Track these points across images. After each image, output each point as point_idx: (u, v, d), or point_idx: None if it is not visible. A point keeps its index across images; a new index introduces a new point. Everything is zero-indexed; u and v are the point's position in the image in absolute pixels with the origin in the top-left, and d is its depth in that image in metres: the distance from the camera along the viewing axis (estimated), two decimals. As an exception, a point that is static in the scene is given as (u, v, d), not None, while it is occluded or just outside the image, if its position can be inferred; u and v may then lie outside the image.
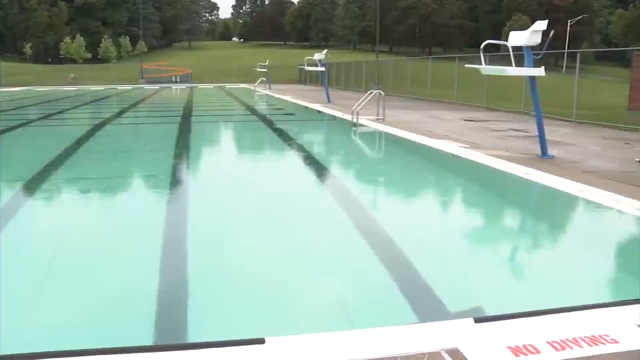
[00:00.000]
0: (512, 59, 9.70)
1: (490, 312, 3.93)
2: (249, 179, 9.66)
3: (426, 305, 4.26)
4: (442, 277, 4.86)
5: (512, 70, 9.85)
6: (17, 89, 50.96)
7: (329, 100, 25.93)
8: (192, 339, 3.68)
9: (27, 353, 3.23)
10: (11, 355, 3.18)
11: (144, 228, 6.47)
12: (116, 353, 3.16)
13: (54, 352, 3.22)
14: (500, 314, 3.74)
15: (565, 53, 29.65)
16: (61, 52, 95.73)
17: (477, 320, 3.61)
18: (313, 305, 4.33)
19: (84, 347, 3.27)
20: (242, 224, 6.61)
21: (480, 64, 10.34)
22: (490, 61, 14.12)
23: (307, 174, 9.92)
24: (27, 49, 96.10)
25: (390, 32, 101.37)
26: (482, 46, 9.92)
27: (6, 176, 9.88)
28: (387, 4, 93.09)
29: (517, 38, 9.52)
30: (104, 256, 5.54)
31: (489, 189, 8.94)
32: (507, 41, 9.69)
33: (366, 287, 4.71)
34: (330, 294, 4.51)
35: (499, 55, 21.20)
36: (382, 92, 17.07)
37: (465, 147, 11.31)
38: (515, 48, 9.52)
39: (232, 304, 4.32)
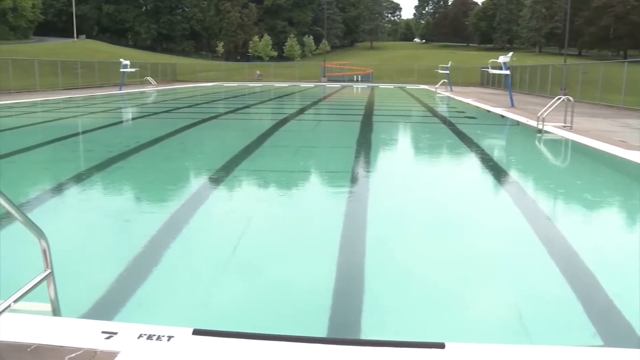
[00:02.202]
0: None
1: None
2: (429, 182, 9.61)
3: (612, 328, 3.99)
4: (633, 299, 4.50)
5: None
6: (210, 84, 54.94)
7: (512, 105, 25.08)
8: (365, 336, 3.72)
9: (214, 330, 3.40)
10: (202, 329, 3.38)
11: (322, 222, 6.67)
12: (291, 341, 3.26)
13: (235, 332, 3.36)
14: None
15: None
16: (249, 50, 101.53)
17: (679, 351, 3.31)
18: (489, 314, 4.21)
19: (261, 332, 3.42)
20: (420, 226, 6.59)
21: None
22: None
23: (488, 180, 9.68)
24: (220, 47, 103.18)
25: (580, 34, 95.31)
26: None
27: (198, 165, 10.69)
28: (578, 4, 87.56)
29: None
30: (283, 247, 5.80)
31: (690, 207, 8.16)
32: None
33: (545, 300, 4.49)
34: (507, 304, 4.37)
35: None
36: (570, 98, 16.19)
37: (663, 161, 10.43)
38: None
39: (406, 305, 4.33)
